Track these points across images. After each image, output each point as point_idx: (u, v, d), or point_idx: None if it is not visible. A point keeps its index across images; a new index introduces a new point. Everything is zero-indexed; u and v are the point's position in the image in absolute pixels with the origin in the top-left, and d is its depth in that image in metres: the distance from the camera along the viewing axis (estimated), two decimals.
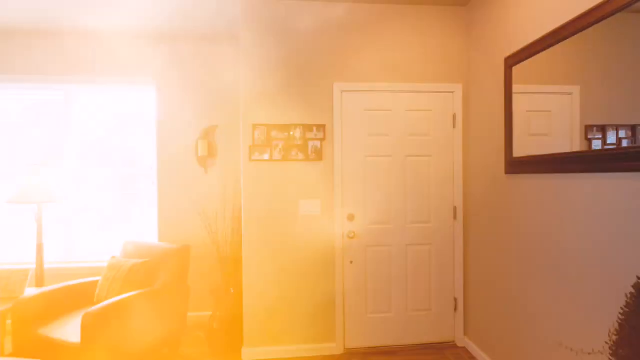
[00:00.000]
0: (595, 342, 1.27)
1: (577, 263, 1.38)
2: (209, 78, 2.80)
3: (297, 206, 2.27)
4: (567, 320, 1.43)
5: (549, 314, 1.55)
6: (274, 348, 2.26)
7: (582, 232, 1.35)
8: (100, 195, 2.84)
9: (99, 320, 1.71)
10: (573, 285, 1.40)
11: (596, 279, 1.28)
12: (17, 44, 2.68)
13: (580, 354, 1.32)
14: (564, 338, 1.45)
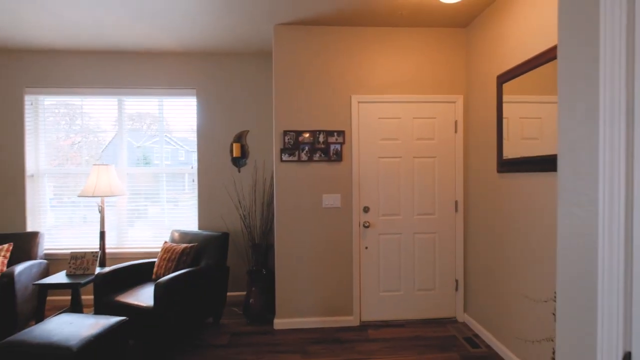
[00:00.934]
0: None
1: (551, 242, 1.75)
2: (242, 89, 3.23)
3: (320, 199, 2.68)
4: (534, 281, 1.81)
5: (525, 280, 1.92)
6: (300, 319, 2.67)
7: (554, 219, 1.72)
8: (149, 189, 3.31)
9: (166, 289, 2.15)
10: (539, 256, 1.78)
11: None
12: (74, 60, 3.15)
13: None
14: (530, 293, 1.82)
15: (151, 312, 2.14)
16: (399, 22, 2.62)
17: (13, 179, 3.11)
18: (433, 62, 2.71)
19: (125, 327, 1.98)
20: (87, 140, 3.31)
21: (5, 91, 3.09)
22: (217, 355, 2.25)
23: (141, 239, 3.32)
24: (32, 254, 2.84)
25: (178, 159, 3.44)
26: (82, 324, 1.89)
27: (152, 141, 3.36)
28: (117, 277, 2.50)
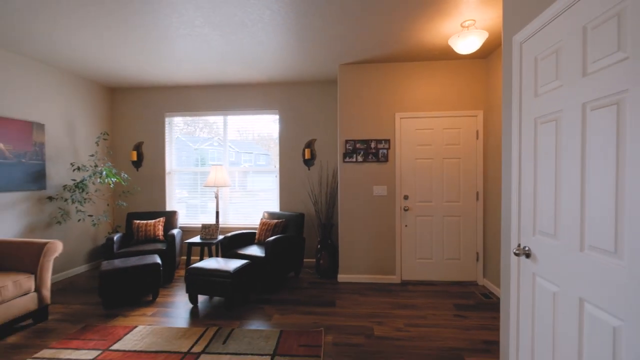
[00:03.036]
0: None
1: None
2: (311, 108, 4.34)
3: (371, 190, 3.68)
4: None
5: None
6: (356, 275, 3.70)
7: None
8: (245, 182, 4.57)
9: (272, 245, 3.31)
10: None
11: None
12: (194, 92, 4.49)
13: None
14: None
15: (263, 259, 3.32)
16: (431, 58, 3.52)
17: (158, 174, 4.56)
18: (458, 85, 3.56)
19: (249, 266, 3.18)
20: (201, 147, 4.66)
21: (154, 115, 4.55)
22: (304, 292, 3.37)
23: (238, 217, 4.60)
24: (173, 225, 4.23)
25: (260, 160, 4.66)
26: (227, 262, 3.12)
27: (245, 147, 4.61)
28: (233, 239, 3.75)
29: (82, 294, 3.37)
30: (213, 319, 2.75)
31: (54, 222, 3.70)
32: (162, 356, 2.16)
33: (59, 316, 2.82)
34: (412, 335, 2.46)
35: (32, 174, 3.44)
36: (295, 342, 2.35)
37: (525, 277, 1.57)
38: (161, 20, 2.63)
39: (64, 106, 3.84)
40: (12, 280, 2.46)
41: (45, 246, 2.71)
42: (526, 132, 1.56)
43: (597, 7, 1.12)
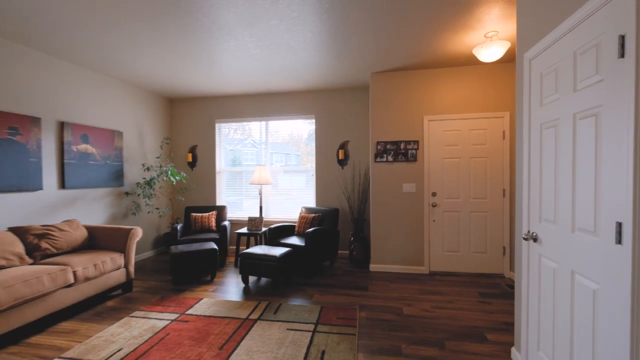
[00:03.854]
0: None
1: None
2: (345, 112, 4.73)
3: (401, 187, 4.00)
4: None
5: None
6: (387, 265, 4.04)
7: None
8: (282, 180, 5.06)
9: (312, 236, 3.75)
10: None
11: None
12: (239, 101, 5.05)
13: None
14: None
15: (303, 248, 3.77)
16: (457, 64, 3.76)
17: (210, 173, 5.20)
18: (485, 88, 3.77)
19: (292, 253, 3.64)
20: (245, 149, 5.23)
21: (206, 122, 5.19)
22: (339, 278, 3.78)
23: (277, 212, 5.11)
24: (223, 218, 4.82)
25: (291, 160, 5.13)
26: (273, 249, 3.61)
27: (277, 147, 5.11)
28: (276, 230, 4.24)
29: (153, 273, 4.03)
30: (262, 296, 3.23)
31: (130, 213, 4.42)
32: (227, 320, 2.67)
33: (140, 289, 3.46)
34: (438, 315, 2.77)
35: (114, 173, 4.16)
36: (334, 315, 2.76)
37: (533, 258, 1.85)
38: (220, 45, 3.16)
39: (136, 116, 4.56)
40: (110, 257, 3.11)
41: (131, 231, 3.36)
42: (534, 135, 1.84)
43: (583, 38, 1.41)
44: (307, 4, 2.44)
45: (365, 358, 2.13)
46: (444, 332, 2.48)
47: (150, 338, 2.37)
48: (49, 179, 3.36)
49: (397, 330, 2.51)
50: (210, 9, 2.50)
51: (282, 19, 2.67)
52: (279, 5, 2.45)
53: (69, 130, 3.54)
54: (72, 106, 3.61)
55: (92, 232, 3.39)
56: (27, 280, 2.34)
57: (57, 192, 3.44)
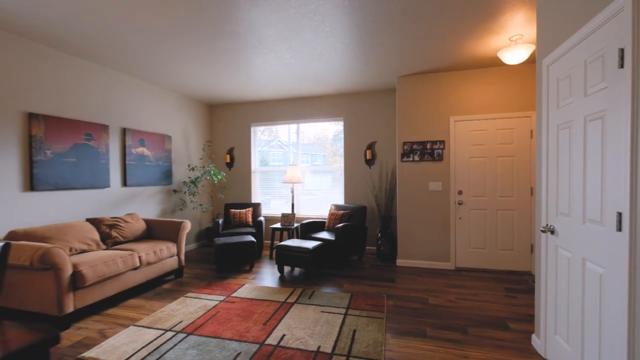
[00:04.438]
0: None
1: None
2: (372, 114, 4.95)
3: (427, 186, 4.16)
4: None
5: None
6: (413, 261, 4.21)
7: None
8: (313, 180, 5.38)
9: (341, 230, 4.02)
10: None
11: None
12: (273, 105, 5.42)
13: None
14: None
15: (333, 242, 4.05)
16: (482, 65, 3.86)
17: (246, 173, 5.62)
18: (511, 89, 3.84)
19: (323, 246, 3.93)
20: (273, 150, 5.60)
21: (242, 125, 5.62)
22: (367, 271, 4.01)
23: (306, 209, 5.42)
24: (258, 214, 5.21)
25: (317, 160, 5.41)
26: (305, 242, 3.92)
27: (303, 147, 5.42)
28: (308, 226, 4.55)
29: (198, 262, 4.49)
30: (296, 284, 3.55)
31: (177, 209, 4.93)
32: (267, 302, 3.01)
33: (189, 275, 3.91)
34: (462, 306, 2.93)
35: (164, 173, 4.67)
36: (363, 302, 3.01)
37: (551, 249, 2.00)
38: (259, 58, 3.52)
39: (182, 121, 5.07)
40: (165, 246, 3.57)
41: (182, 224, 3.81)
42: (551, 136, 1.99)
43: (591, 48, 1.57)
44: (340, 20, 2.72)
45: (393, 337, 2.36)
46: (468, 320, 2.65)
47: (204, 314, 2.76)
48: (114, 177, 3.89)
49: (423, 317, 2.71)
50: (255, 29, 2.85)
51: (317, 33, 2.96)
52: (314, 22, 2.75)
53: (129, 135, 4.07)
54: (132, 114, 4.14)
55: (149, 224, 3.88)
56: (106, 262, 2.82)
57: (120, 189, 3.97)
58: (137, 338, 2.35)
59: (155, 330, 2.48)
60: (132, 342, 2.29)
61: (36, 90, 3.07)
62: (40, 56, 3.11)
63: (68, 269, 2.51)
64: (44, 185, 3.10)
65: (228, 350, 2.18)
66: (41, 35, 2.93)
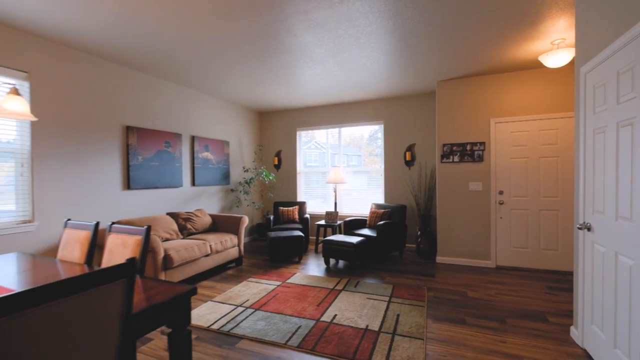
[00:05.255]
0: None
1: None
2: (411, 117, 5.16)
3: (467, 186, 4.29)
4: None
5: None
6: (453, 258, 4.37)
7: None
8: (352, 180, 5.70)
9: (382, 228, 4.30)
10: None
11: None
12: (316, 111, 5.83)
13: None
14: None
15: (375, 238, 4.35)
16: (523, 68, 3.92)
17: (292, 174, 6.11)
18: (554, 90, 3.85)
19: (365, 242, 4.24)
20: (309, 151, 6.01)
21: (289, 130, 6.12)
22: (407, 267, 4.26)
23: (347, 207, 5.76)
24: (304, 212, 5.66)
25: (353, 160, 5.71)
26: (349, 237, 4.26)
27: (345, 150, 5.74)
28: (350, 223, 4.89)
29: (253, 254, 5.03)
30: (342, 275, 3.91)
31: (234, 206, 5.55)
32: (318, 289, 3.40)
33: (247, 265, 4.44)
34: (501, 300, 3.09)
35: (223, 175, 5.30)
36: (405, 292, 3.28)
37: (587, 245, 2.14)
38: (309, 71, 3.93)
39: (237, 128, 5.68)
40: (229, 237, 4.12)
41: (241, 219, 4.35)
42: (588, 139, 2.13)
43: (622, 61, 1.73)
44: (383, 37, 3.03)
45: (434, 322, 2.63)
46: (506, 312, 2.82)
47: (266, 295, 3.22)
48: (185, 178, 4.55)
49: (462, 307, 2.93)
50: (307, 48, 3.26)
51: (362, 49, 3.30)
52: (360, 40, 3.09)
53: (197, 142, 4.71)
54: (198, 123, 4.79)
55: (214, 218, 4.48)
56: (186, 248, 3.40)
57: (190, 188, 4.63)
58: (216, 310, 2.87)
59: (228, 305, 2.98)
60: (212, 313, 2.80)
61: (130, 107, 3.77)
62: (133, 79, 3.80)
63: (161, 252, 3.11)
64: (136, 185, 3.78)
65: (290, 324, 2.60)
66: (133, 62, 3.60)
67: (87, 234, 1.97)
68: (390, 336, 2.39)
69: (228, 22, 2.71)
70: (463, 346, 2.27)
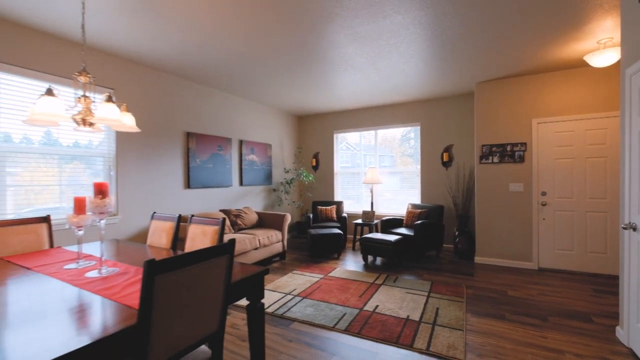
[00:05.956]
0: None
1: None
2: (448, 118, 5.21)
3: (507, 186, 4.28)
4: None
5: None
6: (492, 259, 4.38)
7: None
8: (388, 180, 5.85)
9: (419, 227, 4.43)
10: None
11: None
12: (353, 114, 6.05)
13: None
14: None
15: (412, 237, 4.49)
16: (567, 67, 3.86)
17: (329, 174, 6.39)
18: (601, 89, 3.75)
19: (403, 240, 4.39)
20: (356, 153, 6.21)
21: (326, 133, 6.41)
22: (445, 265, 4.34)
23: (382, 207, 5.91)
24: (341, 211, 5.90)
25: (385, 161, 5.82)
26: (387, 235, 4.43)
27: (370, 149, 5.88)
28: (387, 222, 5.06)
29: (294, 250, 5.37)
30: (380, 271, 4.10)
31: (275, 204, 5.94)
32: (358, 282, 3.63)
33: (290, 259, 4.78)
34: (543, 300, 3.11)
35: (266, 175, 5.70)
36: (444, 289, 3.40)
37: (633, 244, 2.17)
38: (348, 77, 4.17)
39: (278, 131, 6.07)
40: (274, 233, 4.48)
41: (284, 216, 4.70)
42: (634, 140, 2.16)
43: None
44: (423, 45, 3.19)
45: (473, 317, 2.75)
46: (548, 311, 2.85)
47: (311, 286, 3.51)
48: (234, 179, 5.00)
49: (501, 304, 3.01)
50: (349, 57, 3.50)
51: (401, 56, 3.48)
52: (400, 48, 3.28)
53: (244, 145, 5.15)
54: (245, 128, 5.23)
55: (259, 215, 4.88)
56: (239, 241, 3.79)
57: (238, 187, 5.07)
58: (268, 296, 3.20)
59: (278, 293, 3.31)
60: (266, 299, 3.14)
61: (190, 115, 4.25)
62: (191, 89, 4.29)
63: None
64: (195, 184, 4.26)
65: (336, 311, 2.85)
66: (191, 75, 4.08)
67: (172, 225, 2.37)
68: (430, 326, 2.56)
69: (277, 40, 3.04)
70: (502, 338, 2.38)
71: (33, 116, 1.56)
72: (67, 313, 1.17)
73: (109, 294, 1.36)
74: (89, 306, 1.24)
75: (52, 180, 2.93)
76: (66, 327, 1.06)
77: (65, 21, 2.66)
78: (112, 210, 1.65)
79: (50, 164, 2.93)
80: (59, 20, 2.64)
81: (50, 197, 2.92)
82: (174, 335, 1.13)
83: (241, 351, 2.25)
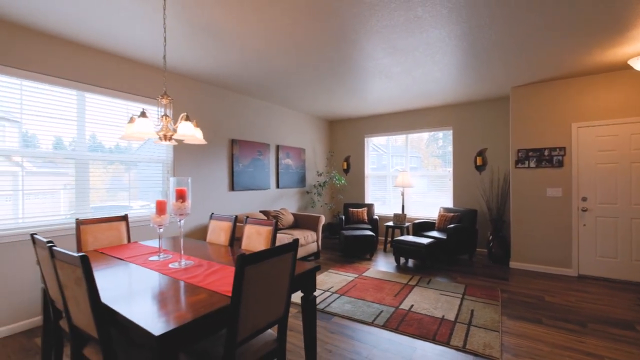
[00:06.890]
0: None
1: None
2: (482, 122, 5.20)
3: (544, 191, 4.24)
4: None
5: None
6: (528, 264, 4.34)
7: None
8: (416, 183, 5.92)
9: (452, 231, 4.48)
10: None
11: None
12: (384, 119, 6.17)
13: None
14: None
15: (444, 240, 4.55)
16: (609, 70, 3.76)
17: (360, 177, 6.57)
18: None
19: (435, 243, 4.47)
20: (382, 154, 6.33)
21: (357, 137, 6.59)
22: (478, 270, 4.37)
23: (412, 210, 5.98)
24: (372, 213, 6.05)
25: (412, 162, 5.86)
26: (419, 238, 4.54)
27: (397, 150, 5.95)
28: (419, 225, 5.14)
29: (326, 250, 5.60)
30: (413, 272, 4.21)
31: (308, 206, 6.21)
32: (392, 283, 3.78)
33: (324, 259, 5.01)
34: (582, 307, 3.10)
35: (300, 178, 5.98)
36: (478, 292, 3.47)
37: None
38: (382, 85, 4.34)
39: (311, 136, 6.34)
40: (309, 233, 4.73)
41: (319, 218, 4.94)
42: None
43: None
44: (457, 55, 3.29)
45: (508, 320, 2.82)
46: (587, 317, 2.85)
47: (347, 284, 3.72)
48: (272, 181, 5.32)
49: (538, 309, 3.04)
50: (384, 68, 3.67)
51: (435, 64, 3.60)
52: (435, 58, 3.40)
53: (280, 150, 5.46)
54: (281, 134, 5.54)
55: (295, 216, 5.16)
56: (279, 240, 4.07)
57: (275, 190, 5.39)
58: None
59: (318, 290, 3.54)
60: None
61: (233, 123, 4.62)
62: (233, 99, 4.65)
63: None
64: (238, 187, 4.62)
65: (373, 308, 3.04)
66: (234, 86, 4.43)
67: (229, 224, 2.68)
68: (466, 326, 2.67)
69: (318, 54, 3.28)
70: (538, 341, 2.45)
71: (129, 133, 1.90)
72: (173, 293, 1.47)
73: (195, 282, 1.65)
74: (186, 290, 1.53)
75: (120, 183, 3.37)
76: (182, 303, 1.35)
77: (143, 49, 3.07)
78: (189, 212, 1.96)
79: (119, 170, 3.37)
80: (139, 48, 3.06)
81: (121, 197, 3.36)
82: (254, 316, 1.39)
83: (290, 339, 2.50)
